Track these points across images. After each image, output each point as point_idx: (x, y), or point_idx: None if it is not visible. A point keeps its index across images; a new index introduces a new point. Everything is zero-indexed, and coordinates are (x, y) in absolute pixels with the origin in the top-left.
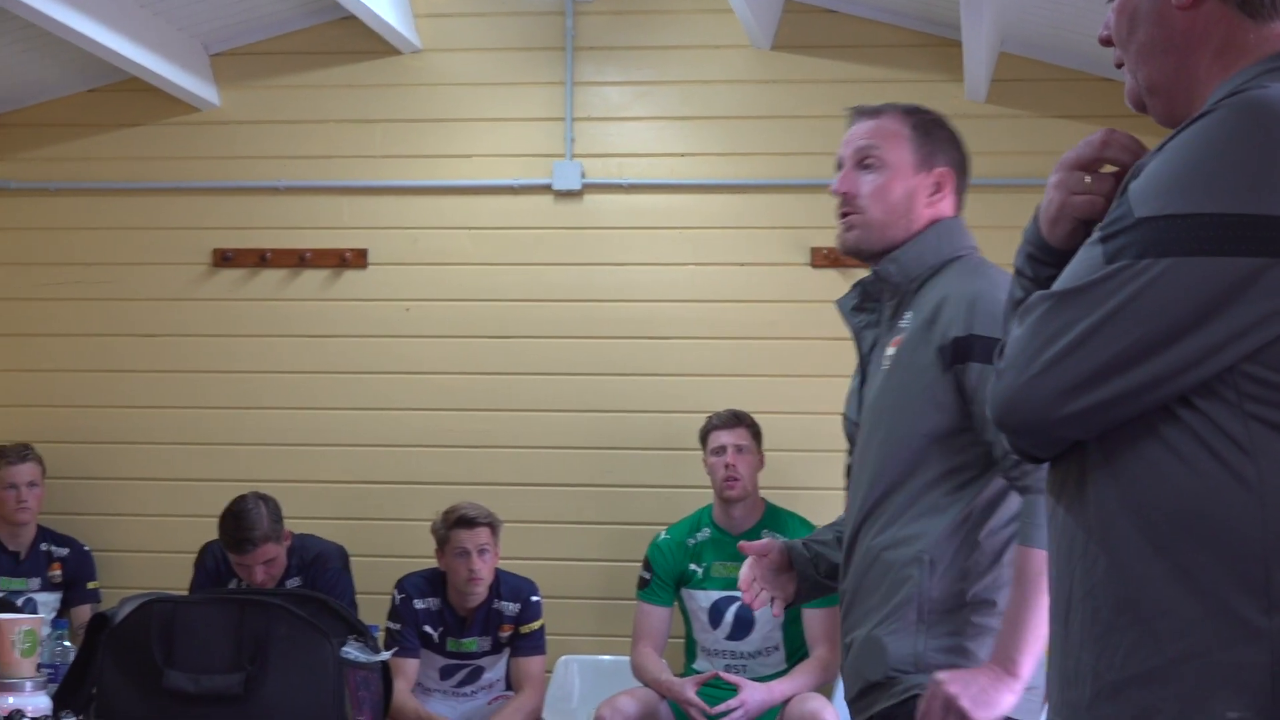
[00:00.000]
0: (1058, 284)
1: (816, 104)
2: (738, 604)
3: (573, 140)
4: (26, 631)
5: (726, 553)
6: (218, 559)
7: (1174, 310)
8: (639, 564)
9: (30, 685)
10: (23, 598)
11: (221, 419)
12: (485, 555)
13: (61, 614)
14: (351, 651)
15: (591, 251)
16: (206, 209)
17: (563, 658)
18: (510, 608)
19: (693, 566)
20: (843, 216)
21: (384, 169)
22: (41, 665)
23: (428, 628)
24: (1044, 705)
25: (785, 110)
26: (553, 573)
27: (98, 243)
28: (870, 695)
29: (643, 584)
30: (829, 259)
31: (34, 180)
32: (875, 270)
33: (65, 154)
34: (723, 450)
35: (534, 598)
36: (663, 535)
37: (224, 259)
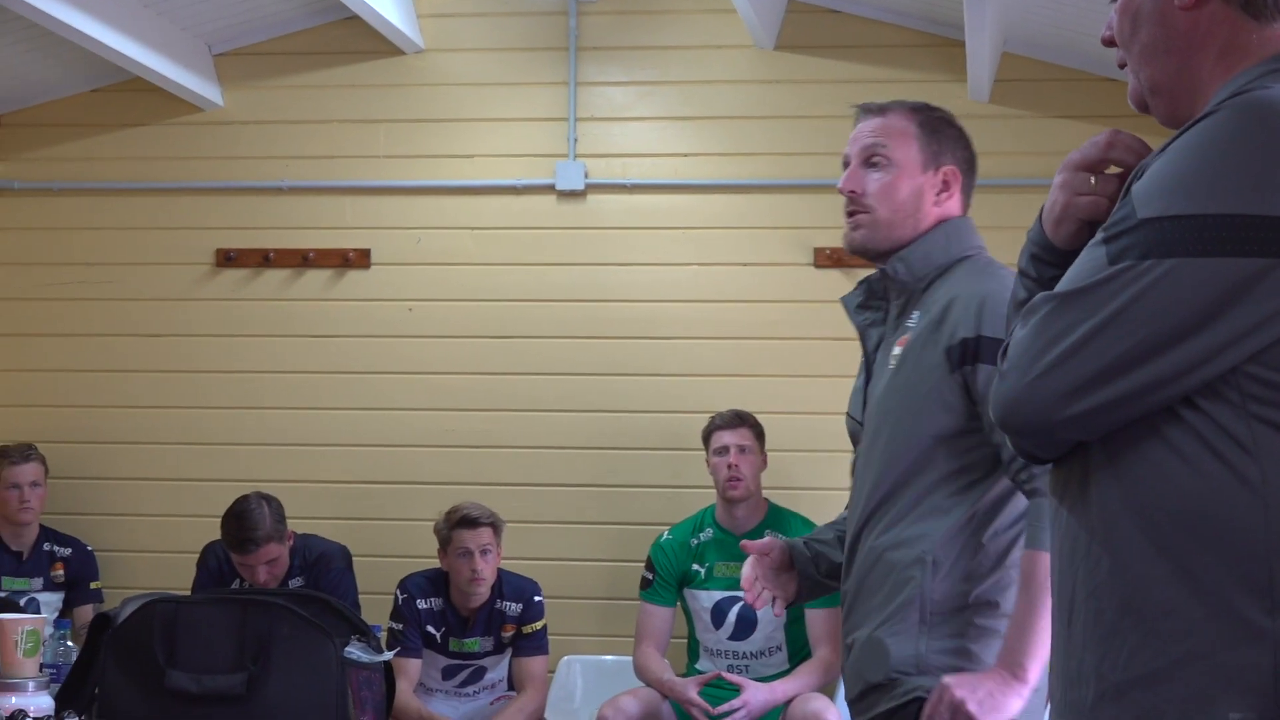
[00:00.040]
0: (1061, 285)
1: (820, 104)
2: (740, 604)
3: (576, 140)
4: (29, 631)
5: (729, 553)
6: (220, 559)
7: (1177, 311)
8: (641, 564)
9: (33, 685)
10: (25, 598)
11: (224, 419)
12: (488, 555)
13: (64, 614)
14: (354, 651)
15: (594, 252)
16: (210, 209)
17: (565, 658)
18: (513, 608)
19: (695, 567)
20: (850, 216)
21: (387, 169)
22: (44, 665)
23: (430, 628)
24: (1046, 706)
25: (788, 110)
26: (555, 573)
27: (101, 243)
28: (871, 697)
29: (645, 584)
30: (832, 259)
31: (37, 180)
32: (882, 269)
33: (68, 154)
34: (725, 450)
35: (536, 598)
36: (665, 535)
37: (227, 259)
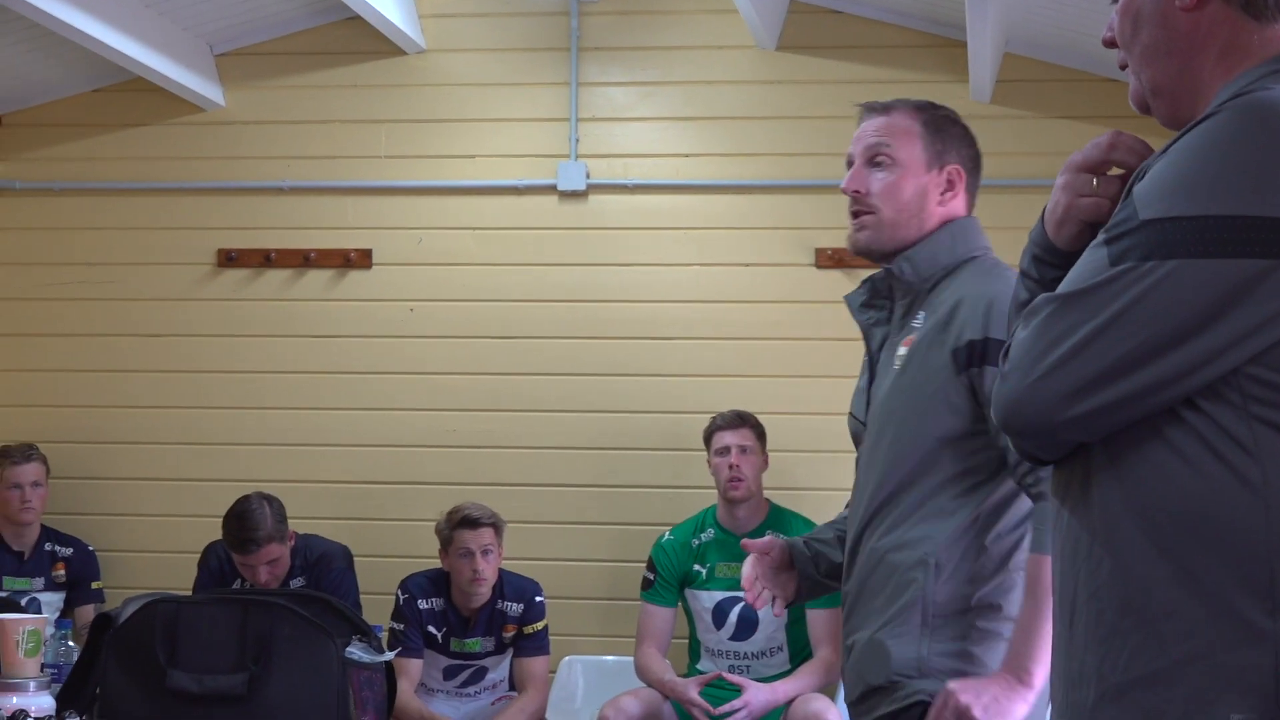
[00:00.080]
0: (1063, 286)
1: (821, 105)
2: (741, 604)
3: (577, 141)
4: (30, 631)
5: (730, 553)
6: (221, 559)
7: (1179, 312)
8: (643, 564)
9: (34, 685)
10: (27, 597)
11: (226, 419)
12: (489, 556)
13: (65, 614)
14: (355, 652)
15: (596, 252)
16: (211, 209)
17: (566, 658)
18: (514, 608)
19: (697, 567)
20: (854, 216)
21: (389, 169)
22: (45, 665)
23: (431, 628)
24: (1048, 706)
25: (790, 111)
26: (556, 573)
27: (102, 243)
28: (872, 699)
29: (646, 584)
30: (833, 259)
31: (39, 180)
32: (887, 268)
33: (70, 154)
34: (727, 451)
35: (537, 598)
36: (667, 536)
37: (228, 259)
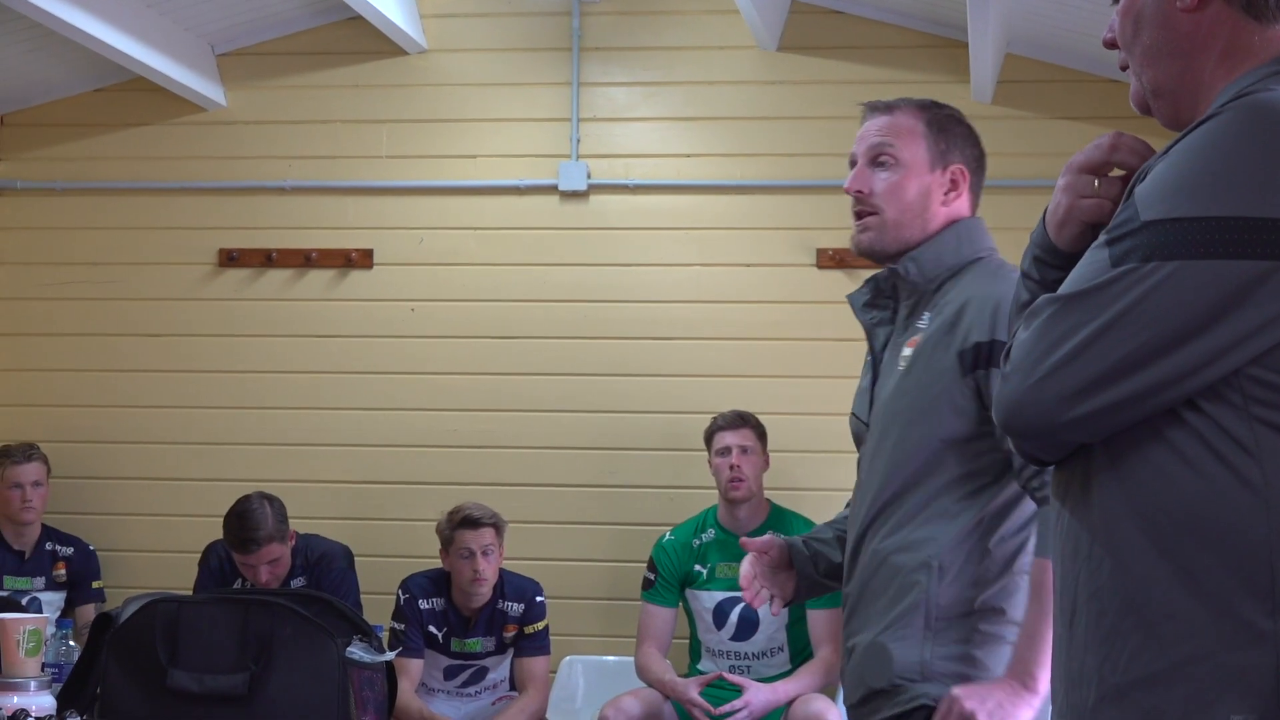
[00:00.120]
0: (1064, 287)
1: (822, 105)
2: (742, 605)
3: (578, 141)
4: (31, 631)
5: (731, 553)
6: (222, 559)
7: (1180, 314)
8: (643, 564)
9: (35, 685)
10: (27, 597)
11: (226, 419)
12: (490, 556)
13: (66, 613)
14: (356, 651)
15: (597, 252)
16: (212, 209)
17: (567, 658)
18: (514, 608)
19: (697, 567)
20: (858, 217)
21: (390, 169)
22: (46, 665)
23: (432, 628)
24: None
25: (791, 111)
26: (557, 573)
27: (103, 242)
28: (873, 702)
29: (647, 585)
30: (834, 260)
31: (40, 180)
32: (892, 268)
33: (71, 153)
34: (728, 451)
35: (538, 598)
36: (667, 536)
37: (229, 259)
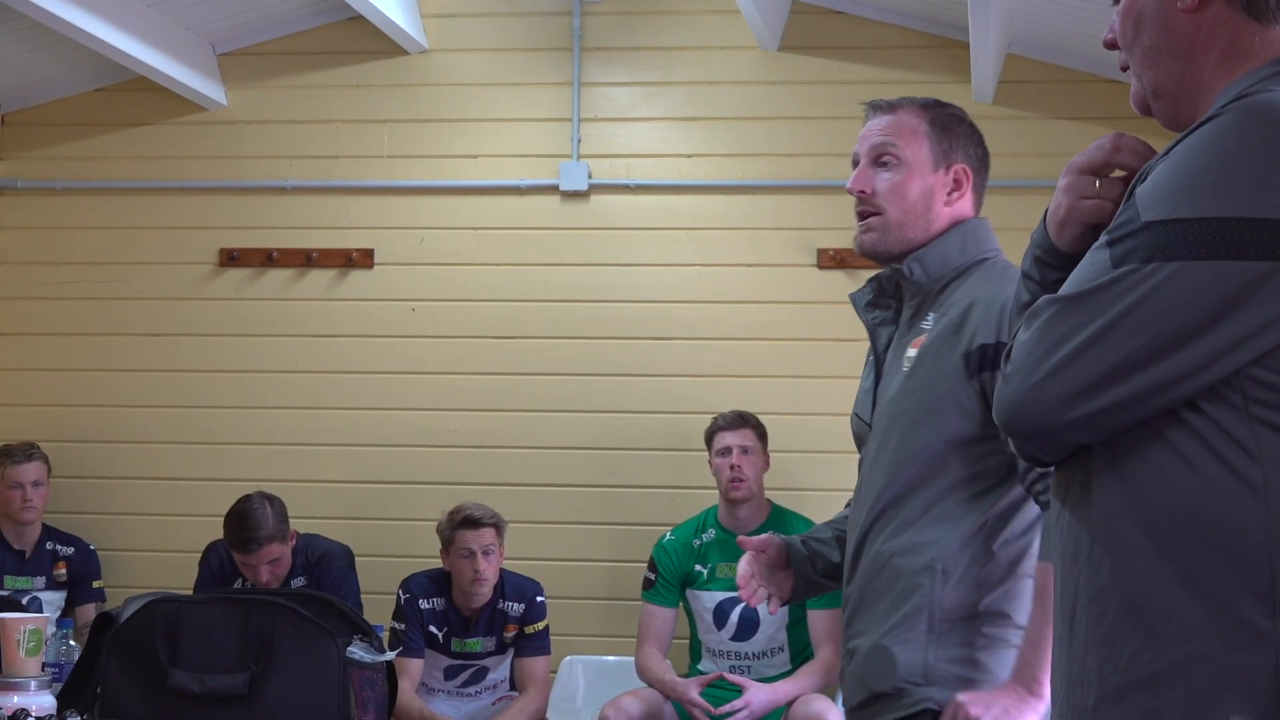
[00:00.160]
0: (1065, 288)
1: (823, 105)
2: (742, 605)
3: (579, 141)
4: (31, 630)
5: (731, 554)
6: (222, 558)
7: (1181, 314)
8: (644, 565)
9: (35, 684)
10: (28, 596)
11: (227, 418)
12: (490, 556)
13: (66, 613)
14: (356, 651)
15: (597, 252)
16: (213, 208)
17: (567, 658)
18: (515, 608)
19: (698, 567)
20: (861, 218)
21: (391, 169)
22: (46, 664)
23: (432, 628)
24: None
25: (792, 111)
26: (557, 573)
27: (104, 242)
28: (876, 705)
29: (647, 585)
30: (835, 260)
31: (40, 179)
32: (896, 268)
33: (72, 153)
34: (728, 451)
35: (539, 598)
36: (668, 536)
37: (230, 258)
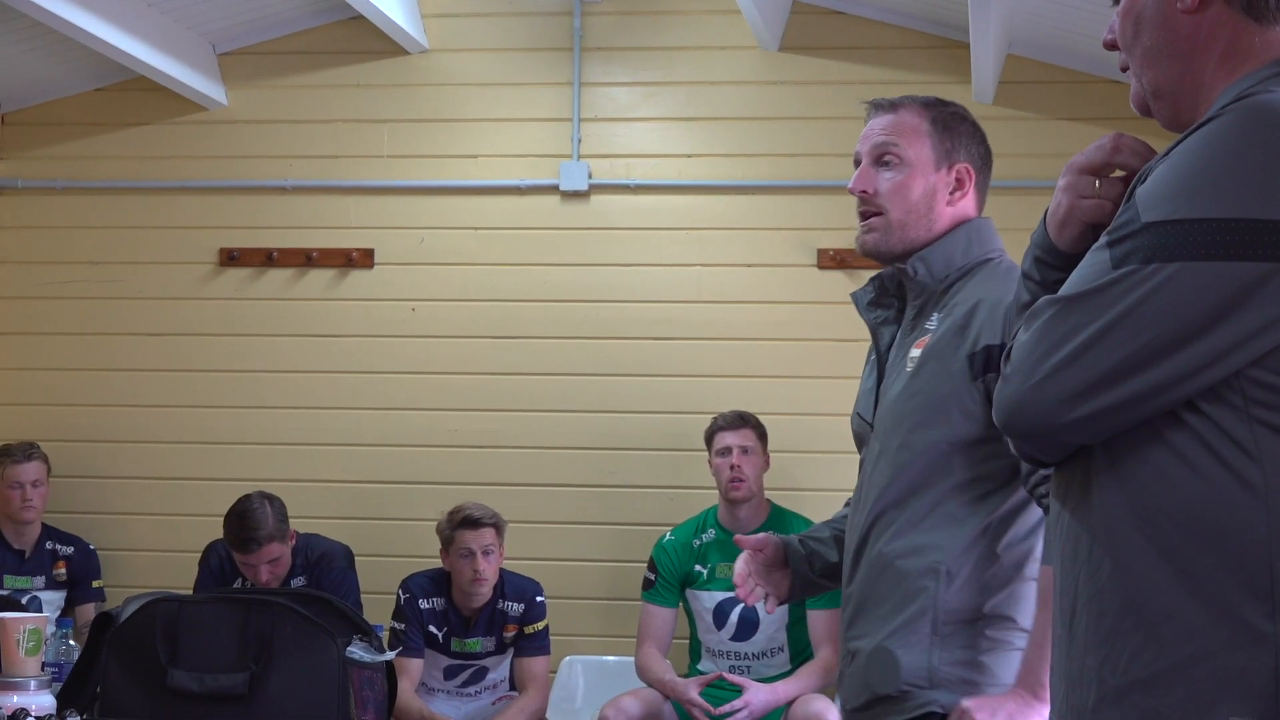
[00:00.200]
0: (1065, 289)
1: (823, 105)
2: (742, 605)
3: (580, 141)
4: (31, 630)
5: (731, 554)
6: (222, 558)
7: (1181, 315)
8: (643, 565)
9: (35, 684)
10: (27, 596)
11: (227, 418)
12: (490, 556)
13: (66, 613)
14: (356, 651)
15: (598, 252)
16: (213, 208)
17: (567, 658)
18: (515, 608)
19: (698, 567)
20: (863, 218)
21: (391, 169)
22: (46, 664)
23: (432, 627)
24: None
25: (792, 111)
26: (557, 573)
27: (104, 241)
28: (878, 708)
29: (647, 585)
30: (835, 260)
31: (41, 179)
32: (900, 267)
33: (72, 152)
34: (728, 451)
35: (538, 598)
36: (668, 536)
37: (230, 258)
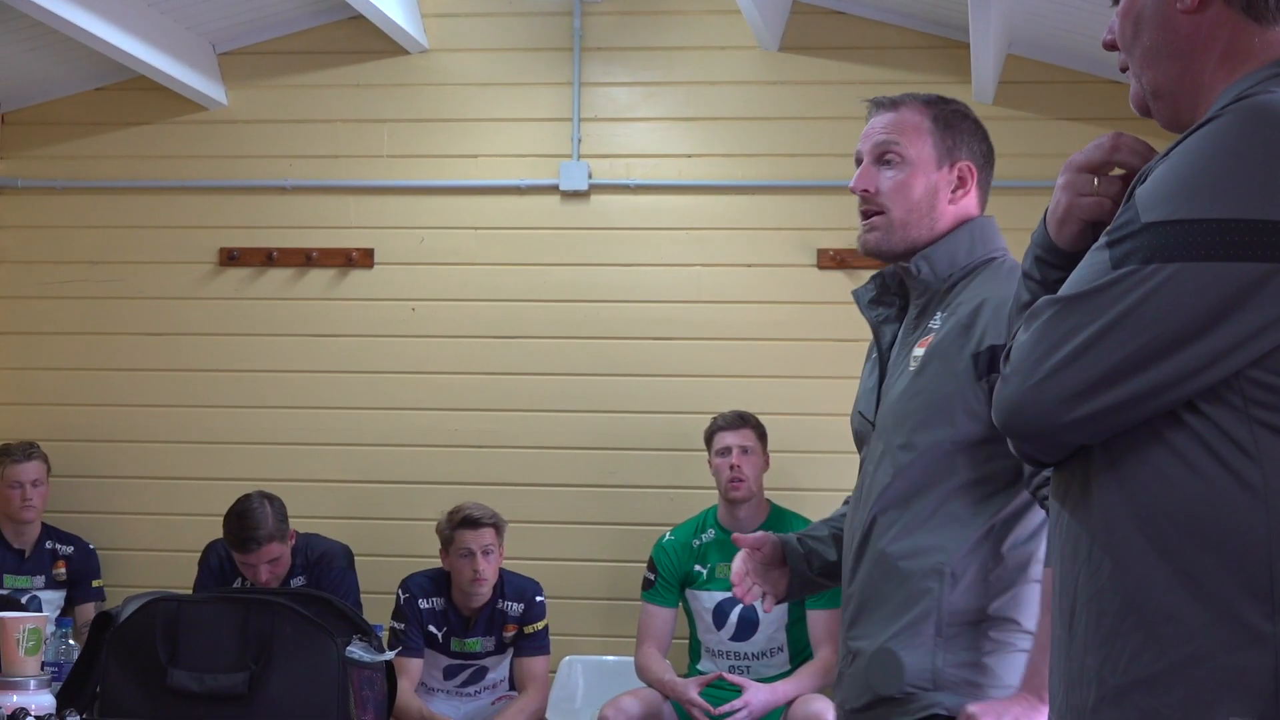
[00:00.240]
0: (1065, 289)
1: (824, 105)
2: (742, 605)
3: (580, 141)
4: (31, 630)
5: (731, 554)
6: (222, 558)
7: (1180, 316)
8: (643, 565)
9: (34, 683)
10: (27, 595)
11: (227, 418)
12: (490, 556)
13: (66, 612)
14: (356, 651)
15: (597, 252)
16: (213, 208)
17: (567, 658)
18: (514, 608)
19: (697, 567)
20: (864, 216)
21: (391, 169)
22: (46, 663)
23: (432, 627)
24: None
25: (792, 111)
26: (557, 573)
27: (104, 241)
28: (881, 709)
29: (647, 585)
30: (835, 260)
31: (41, 178)
32: (903, 266)
33: (72, 152)
34: (728, 451)
35: (538, 598)
36: (667, 536)
37: (230, 258)
